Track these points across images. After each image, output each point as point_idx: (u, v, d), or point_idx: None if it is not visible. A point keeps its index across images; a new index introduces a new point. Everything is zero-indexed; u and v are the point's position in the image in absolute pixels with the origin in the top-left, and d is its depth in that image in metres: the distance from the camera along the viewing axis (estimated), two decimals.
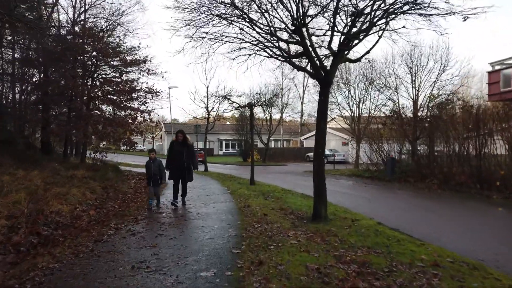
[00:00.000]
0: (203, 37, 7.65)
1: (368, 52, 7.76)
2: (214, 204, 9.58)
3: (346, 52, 7.79)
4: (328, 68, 7.54)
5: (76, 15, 20.22)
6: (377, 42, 7.86)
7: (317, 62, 7.51)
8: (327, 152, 34.87)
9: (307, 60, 8.74)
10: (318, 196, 7.80)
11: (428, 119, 18.34)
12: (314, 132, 40.16)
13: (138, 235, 6.29)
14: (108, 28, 19.49)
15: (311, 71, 7.96)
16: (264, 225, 6.95)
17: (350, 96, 26.04)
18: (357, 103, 25.85)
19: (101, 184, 12.66)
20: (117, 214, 8.40)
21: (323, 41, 7.91)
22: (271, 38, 8.10)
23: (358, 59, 7.94)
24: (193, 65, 15.33)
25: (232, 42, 8.28)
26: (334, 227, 6.89)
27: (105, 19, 19.89)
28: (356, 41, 7.40)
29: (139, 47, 19.73)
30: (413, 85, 21.09)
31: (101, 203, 10.50)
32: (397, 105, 21.93)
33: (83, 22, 19.97)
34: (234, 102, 14.74)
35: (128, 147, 18.86)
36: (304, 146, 40.82)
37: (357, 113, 25.97)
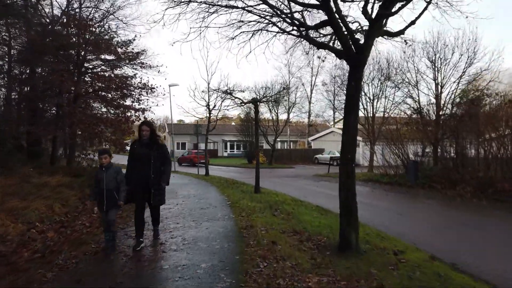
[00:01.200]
0: (189, 0, 5.51)
1: (413, 22, 5.60)
2: (208, 223, 7.43)
3: (384, 21, 5.63)
4: (361, 42, 5.38)
5: (68, 6, 18.28)
6: (425, 9, 5.70)
7: (347, 35, 5.35)
8: (336, 154, 32.60)
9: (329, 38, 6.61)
10: (346, 216, 5.64)
11: (457, 117, 16.03)
12: (323, 133, 37.96)
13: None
14: (99, 18, 17.49)
15: (337, 47, 5.81)
16: (273, 263, 4.78)
17: (363, 93, 23.76)
18: (371, 100, 23.61)
19: (79, 193, 10.60)
20: (76, 240, 6.29)
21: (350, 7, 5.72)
22: (282, 6, 5.97)
23: (401, 32, 5.76)
24: (195, 60, 13.26)
25: (230, 12, 6.16)
26: (374, 267, 4.71)
27: (96, 9, 17.90)
28: (401, 3, 5.23)
29: (134, 39, 17.73)
30: (436, 81, 18.79)
31: (70, 219, 8.43)
32: (417, 102, 19.64)
33: (73, 12, 18.03)
34: (236, 97, 12.62)
35: (118, 149, 16.77)
36: (312, 147, 38.60)
37: (371, 112, 23.75)
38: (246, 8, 5.96)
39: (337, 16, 5.26)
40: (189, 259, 4.97)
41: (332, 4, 5.25)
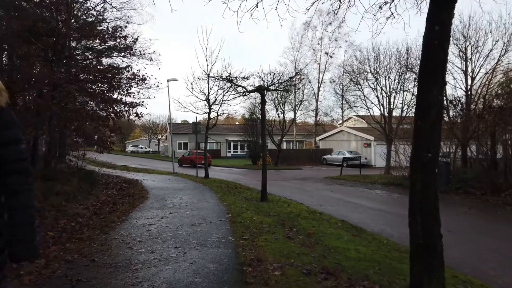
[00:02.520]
0: None
1: None
2: (195, 253, 5.07)
3: None
4: None
5: None
6: None
7: None
8: (347, 154, 30.13)
9: None
10: (424, 260, 3.24)
11: (497, 110, 13.56)
12: (331, 132, 35.36)
13: None
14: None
15: None
16: None
17: (379, 88, 21.35)
18: (388, 95, 21.12)
19: (38, 204, 8.28)
20: None
21: None
22: None
23: None
24: (193, 50, 11.00)
25: None
26: None
27: None
28: None
29: (126, 26, 15.43)
30: (465, 71, 16.33)
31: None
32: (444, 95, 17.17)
33: None
34: (239, 85, 10.22)
35: (100, 149, 14.48)
36: (320, 147, 36.15)
37: (388, 108, 21.27)
38: None
39: None
40: None
41: None
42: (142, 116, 14.78)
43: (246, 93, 10.26)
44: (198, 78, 10.64)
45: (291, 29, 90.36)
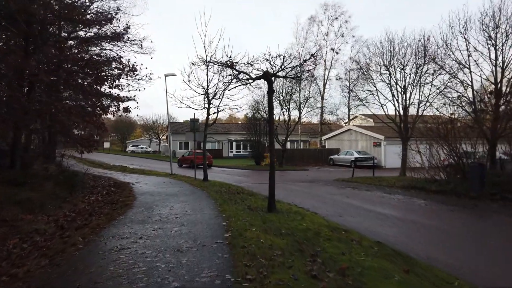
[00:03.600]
0: None
1: None
2: None
3: None
4: None
5: None
6: None
7: None
8: (355, 154, 28.17)
9: None
10: None
11: None
12: (338, 131, 33.22)
13: None
14: None
15: None
16: None
17: (393, 83, 19.36)
18: (403, 90, 19.13)
19: None
20: None
21: None
22: None
23: None
24: (191, 39, 9.20)
25: None
26: None
27: None
28: None
29: (117, 12, 13.60)
30: (495, 62, 14.36)
31: None
32: (468, 90, 15.24)
33: None
34: (240, 72, 8.30)
35: (81, 149, 12.66)
36: (326, 147, 34.17)
37: (403, 104, 19.26)
38: None
39: None
40: None
41: None
42: (130, 111, 12.90)
43: (250, 81, 8.36)
44: (193, 64, 8.72)
45: (295, 24, 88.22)
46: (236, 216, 7.42)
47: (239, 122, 48.87)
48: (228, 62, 8.43)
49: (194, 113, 15.97)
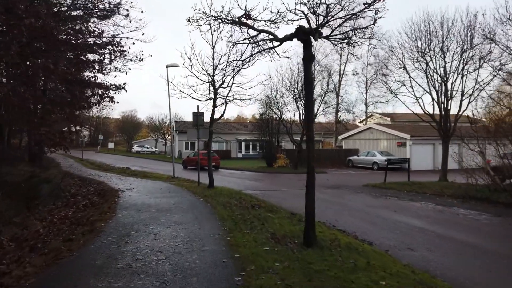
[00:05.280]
0: None
1: None
2: None
3: None
4: None
5: None
6: None
7: None
8: (378, 156, 24.95)
9: None
10: None
11: None
12: (356, 130, 29.51)
13: None
14: None
15: None
16: None
17: (430, 73, 16.15)
18: (444, 80, 15.93)
19: None
20: None
21: None
22: None
23: None
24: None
25: None
26: None
27: None
28: None
29: None
30: None
31: None
32: None
33: None
34: (261, 31, 5.28)
35: (49, 149, 9.81)
36: (343, 147, 30.97)
37: (445, 98, 16.03)
38: None
39: None
40: None
41: None
42: (115, 102, 9.94)
43: (276, 43, 5.37)
44: (189, 21, 5.74)
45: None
46: (257, 259, 4.38)
47: (248, 121, 45.90)
48: (243, 17, 5.42)
49: (198, 106, 12.77)
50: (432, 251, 5.69)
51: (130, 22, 10.18)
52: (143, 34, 10.15)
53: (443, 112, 16.18)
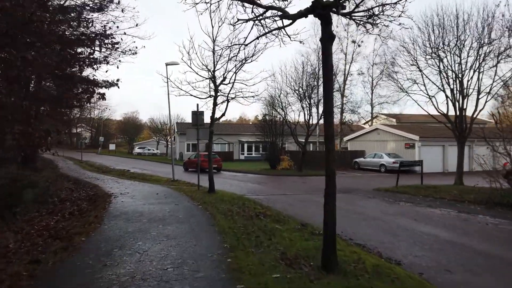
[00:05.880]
0: None
1: None
2: None
3: None
4: None
5: None
6: None
7: None
8: (385, 158, 23.91)
9: None
10: None
11: None
12: (362, 132, 28.38)
13: None
14: None
15: None
16: None
17: (444, 69, 15.11)
18: (460, 78, 14.89)
19: None
20: None
21: None
22: None
23: None
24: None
25: None
26: None
27: None
28: None
29: None
30: None
31: None
32: None
33: None
34: (269, 8, 4.30)
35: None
36: (349, 149, 29.91)
37: (460, 96, 14.99)
38: None
39: None
40: None
41: None
42: (105, 98, 8.96)
43: (287, 22, 4.39)
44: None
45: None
46: None
47: (250, 123, 44.91)
48: None
49: (198, 104, 11.76)
50: (477, 273, 4.67)
51: (123, 11, 9.20)
52: (137, 25, 9.16)
53: (458, 112, 15.12)
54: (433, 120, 17.41)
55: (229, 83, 11.02)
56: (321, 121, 29.07)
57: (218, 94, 11.25)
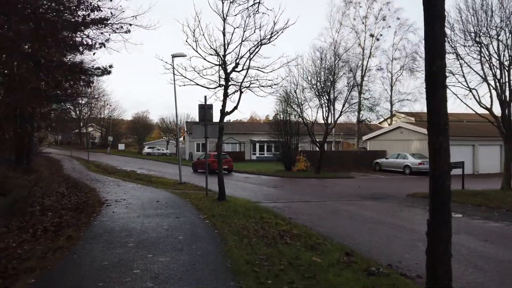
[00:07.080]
0: None
1: None
2: None
3: None
4: None
5: None
6: None
7: None
8: (410, 158, 21.67)
9: None
10: None
11: None
12: (383, 130, 24.84)
13: None
14: None
15: None
16: None
17: (488, 54, 12.90)
18: (508, 68, 12.69)
19: None
20: None
21: None
22: None
23: None
24: None
25: None
26: None
27: None
28: None
29: None
30: None
31: None
32: None
33: None
34: None
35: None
36: (368, 149, 27.69)
37: (507, 89, 12.80)
38: None
39: None
40: None
41: None
42: (92, 84, 7.14)
43: None
44: None
45: (329, 6, 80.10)
46: None
47: (262, 122, 42.93)
48: None
49: (206, 97, 9.80)
50: None
51: None
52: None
53: (505, 107, 12.87)
54: (460, 118, 15.17)
55: (243, 69, 9.09)
56: (341, 119, 26.82)
57: (230, 83, 9.34)
